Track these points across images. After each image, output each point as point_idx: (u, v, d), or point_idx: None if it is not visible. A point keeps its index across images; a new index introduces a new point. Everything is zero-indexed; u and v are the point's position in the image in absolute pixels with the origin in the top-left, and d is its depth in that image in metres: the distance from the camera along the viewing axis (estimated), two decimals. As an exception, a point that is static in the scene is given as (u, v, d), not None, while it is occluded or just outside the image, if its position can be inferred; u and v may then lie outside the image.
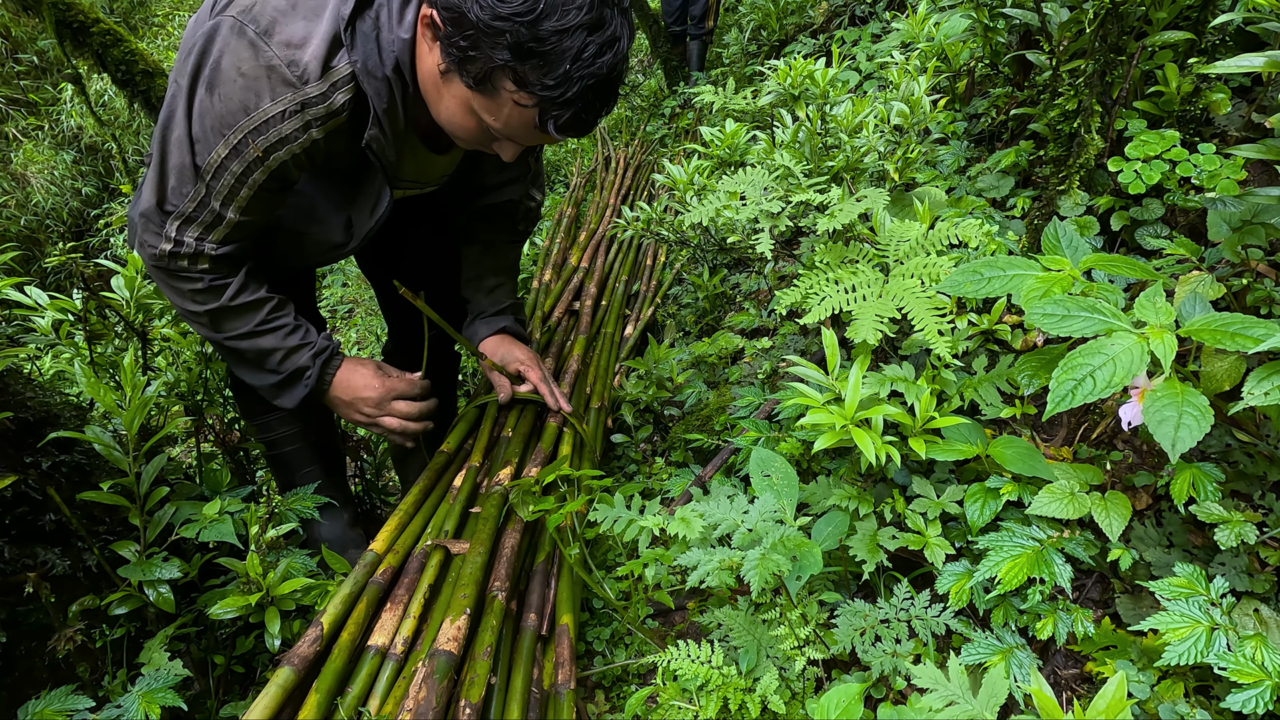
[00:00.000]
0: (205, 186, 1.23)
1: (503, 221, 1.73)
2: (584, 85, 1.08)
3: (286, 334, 1.41)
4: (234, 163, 1.20)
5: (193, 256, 1.30)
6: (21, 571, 1.10)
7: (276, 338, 1.40)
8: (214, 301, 1.34)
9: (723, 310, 2.46)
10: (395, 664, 1.10)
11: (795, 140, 1.56)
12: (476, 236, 1.74)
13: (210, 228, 1.28)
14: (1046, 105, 1.58)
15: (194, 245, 1.28)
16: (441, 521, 1.36)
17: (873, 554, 1.15)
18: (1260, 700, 0.88)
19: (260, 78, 1.15)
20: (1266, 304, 1.20)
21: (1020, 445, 1.18)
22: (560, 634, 1.23)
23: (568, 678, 1.16)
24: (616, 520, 1.18)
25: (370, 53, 1.18)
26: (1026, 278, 1.09)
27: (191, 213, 1.26)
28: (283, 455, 1.63)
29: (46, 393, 1.24)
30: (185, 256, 1.29)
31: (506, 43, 1.04)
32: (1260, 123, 1.51)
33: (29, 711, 1.02)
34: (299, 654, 1.07)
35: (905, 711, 0.95)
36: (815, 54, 3.64)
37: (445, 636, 1.09)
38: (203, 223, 1.27)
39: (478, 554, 1.25)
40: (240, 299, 1.36)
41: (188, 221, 1.27)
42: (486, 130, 1.20)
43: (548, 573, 1.36)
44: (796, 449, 1.41)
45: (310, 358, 1.43)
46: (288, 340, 1.41)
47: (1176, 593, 0.99)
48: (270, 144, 1.18)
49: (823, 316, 1.23)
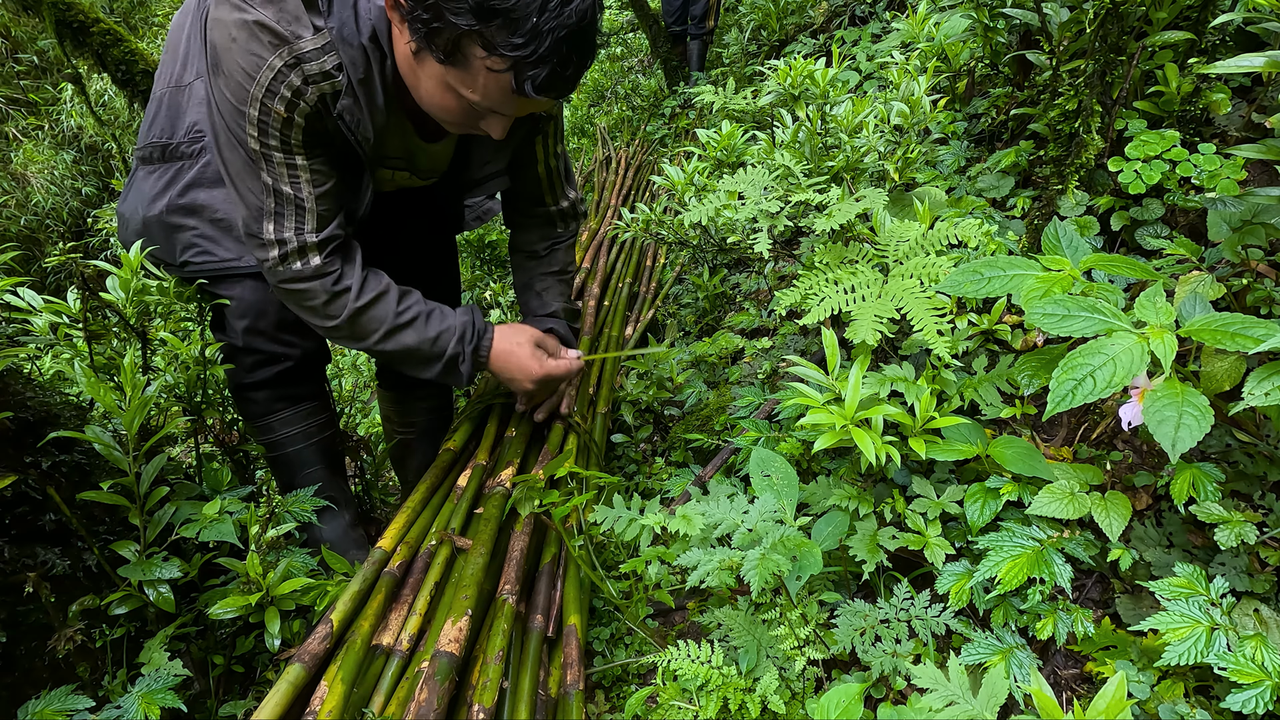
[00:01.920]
0: (268, 175, 1.23)
1: (537, 227, 1.72)
2: (555, 38, 1.04)
3: (423, 323, 1.41)
4: (268, 136, 1.19)
5: (300, 252, 1.29)
6: (21, 571, 1.10)
7: (415, 331, 1.40)
8: (345, 307, 1.34)
9: (723, 310, 2.46)
10: (400, 661, 1.11)
11: (795, 140, 1.56)
12: (519, 244, 1.74)
13: (299, 214, 1.27)
14: (1046, 105, 1.58)
15: (295, 240, 1.28)
16: (448, 519, 1.37)
17: (873, 554, 1.15)
18: (1260, 700, 0.88)
19: (252, 36, 1.13)
20: (1266, 304, 1.20)
21: (1020, 445, 1.18)
22: (568, 635, 1.23)
23: (576, 679, 1.16)
24: (618, 520, 1.18)
25: (347, 19, 1.16)
26: (1026, 278, 1.09)
27: (274, 207, 1.26)
28: (284, 456, 1.62)
29: (46, 393, 1.24)
30: (295, 254, 1.29)
31: (468, 6, 1.02)
32: (1260, 123, 1.51)
33: (29, 711, 1.02)
34: (309, 651, 1.07)
35: (905, 711, 0.95)
36: (815, 54, 3.64)
37: (447, 638, 1.09)
38: (289, 213, 1.26)
39: (479, 554, 1.25)
40: (365, 295, 1.35)
41: (278, 218, 1.27)
42: (468, 106, 1.17)
43: (554, 574, 1.37)
44: (796, 449, 1.41)
45: (456, 342, 1.44)
46: (427, 330, 1.41)
47: (1176, 593, 0.99)
48: (288, 100, 1.16)
49: (822, 317, 1.23)
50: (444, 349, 1.43)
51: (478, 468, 1.49)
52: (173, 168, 1.46)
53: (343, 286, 1.34)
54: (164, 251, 1.47)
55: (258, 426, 1.61)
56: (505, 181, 1.63)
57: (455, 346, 1.44)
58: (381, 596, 1.18)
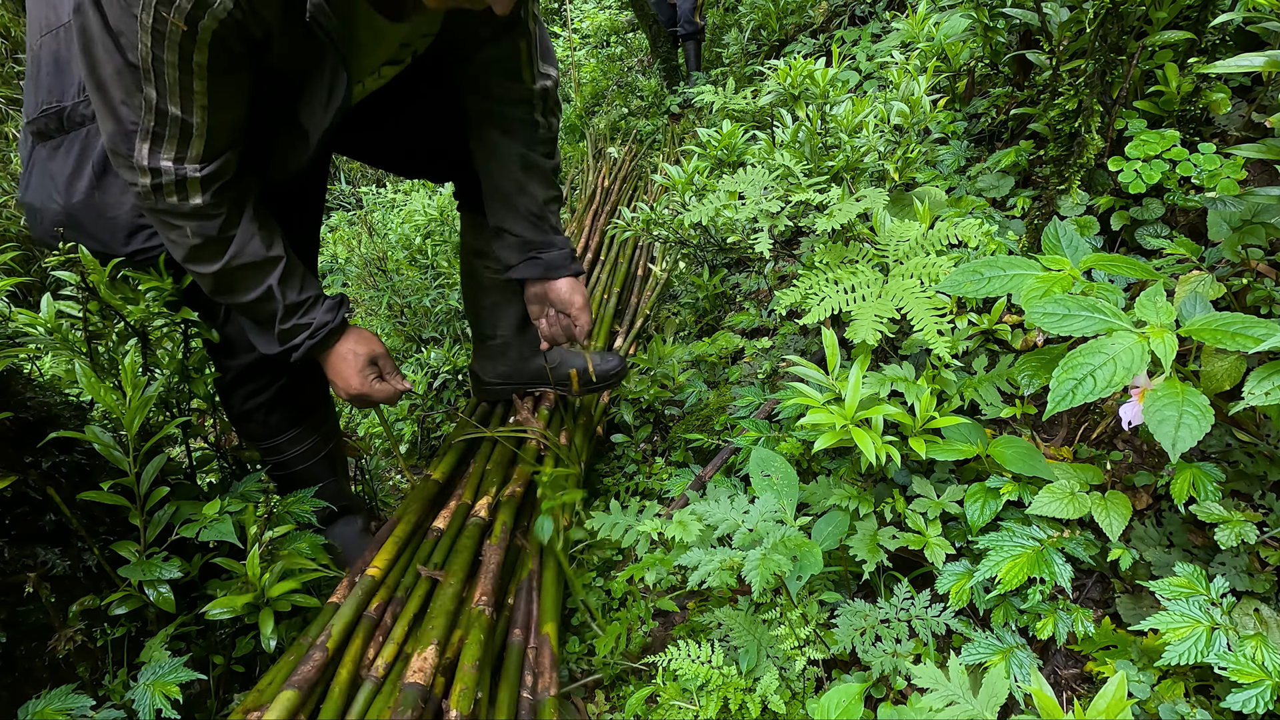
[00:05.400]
0: (153, 91, 1.05)
1: (516, 121, 1.46)
2: None
3: (290, 310, 1.29)
4: (163, 49, 1.01)
5: (179, 185, 1.13)
6: (21, 571, 1.10)
7: (277, 311, 1.28)
8: (219, 260, 1.20)
9: (723, 310, 2.46)
10: (373, 686, 1.14)
11: (795, 140, 1.56)
12: (495, 148, 1.48)
13: (183, 141, 1.10)
14: (1046, 105, 1.58)
15: (174, 170, 1.12)
16: (428, 553, 1.42)
17: (873, 554, 1.15)
18: (1260, 700, 0.88)
19: None
20: (1266, 304, 1.20)
21: (1020, 445, 1.18)
22: (541, 643, 1.27)
23: (548, 685, 1.20)
24: (614, 526, 1.18)
25: None
26: (1026, 277, 1.08)
27: (154, 127, 1.09)
28: (295, 474, 1.57)
29: (46, 393, 1.24)
30: (171, 188, 1.13)
31: None
32: (1260, 122, 1.51)
33: (29, 711, 1.02)
34: (303, 676, 1.10)
35: (905, 711, 0.95)
36: (815, 54, 3.64)
37: (413, 668, 1.11)
38: (171, 137, 1.09)
39: (450, 585, 1.29)
40: (248, 254, 1.21)
41: (156, 140, 1.10)
42: None
43: (531, 587, 1.41)
44: (796, 449, 1.41)
45: (307, 336, 1.32)
46: (289, 319, 1.30)
47: (1177, 592, 0.99)
48: (186, 11, 0.98)
49: (822, 316, 1.23)
50: (291, 336, 1.31)
51: (462, 505, 1.53)
52: (78, 138, 1.25)
53: (225, 236, 1.18)
54: (103, 241, 1.28)
55: (264, 449, 1.54)
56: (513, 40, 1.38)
57: (303, 338, 1.31)
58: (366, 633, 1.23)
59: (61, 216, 1.26)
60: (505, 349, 1.81)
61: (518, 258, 1.56)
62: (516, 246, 1.55)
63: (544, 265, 1.54)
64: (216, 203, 1.16)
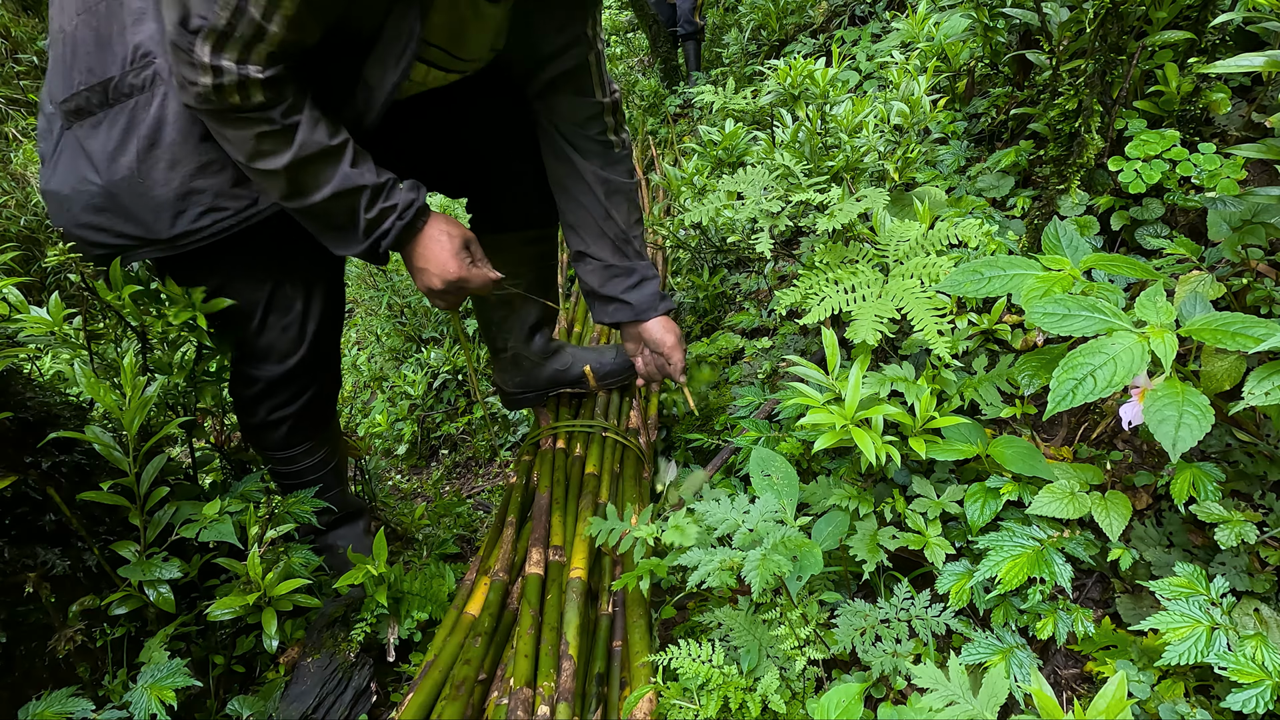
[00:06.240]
0: None
1: (595, 134, 1.44)
2: None
3: (370, 200, 1.20)
4: None
5: (240, 87, 1.05)
6: (21, 571, 1.10)
7: (358, 198, 1.19)
8: (286, 152, 1.11)
9: (723, 310, 2.46)
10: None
11: (795, 140, 1.56)
12: (575, 172, 1.45)
13: (250, 45, 1.02)
14: (1046, 105, 1.58)
15: (236, 72, 1.03)
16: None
17: (873, 554, 1.15)
18: (1260, 700, 0.88)
19: None
20: (1266, 303, 1.20)
21: (1020, 445, 1.18)
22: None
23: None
24: (610, 532, 1.18)
25: None
26: (1026, 277, 1.09)
27: (224, 26, 1.00)
28: (307, 484, 1.55)
29: (46, 393, 1.24)
30: (233, 89, 1.04)
31: None
32: (1260, 122, 1.51)
33: (29, 712, 1.02)
34: None
35: (905, 711, 0.95)
36: (815, 54, 3.64)
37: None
38: (241, 39, 1.01)
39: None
40: (315, 143, 1.12)
41: (222, 38, 1.01)
42: None
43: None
44: (797, 449, 1.41)
45: (395, 218, 1.22)
46: (372, 209, 1.21)
47: (1177, 592, 0.99)
48: None
49: (823, 316, 1.23)
50: (378, 224, 1.22)
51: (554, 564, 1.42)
52: (124, 110, 1.17)
53: (288, 124, 1.11)
54: (145, 224, 1.20)
55: (278, 459, 1.51)
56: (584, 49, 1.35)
57: (391, 221, 1.23)
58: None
59: (99, 197, 1.18)
60: (517, 360, 1.82)
61: (599, 282, 1.53)
62: (598, 271, 1.53)
63: (634, 310, 1.53)
64: (279, 96, 1.09)
